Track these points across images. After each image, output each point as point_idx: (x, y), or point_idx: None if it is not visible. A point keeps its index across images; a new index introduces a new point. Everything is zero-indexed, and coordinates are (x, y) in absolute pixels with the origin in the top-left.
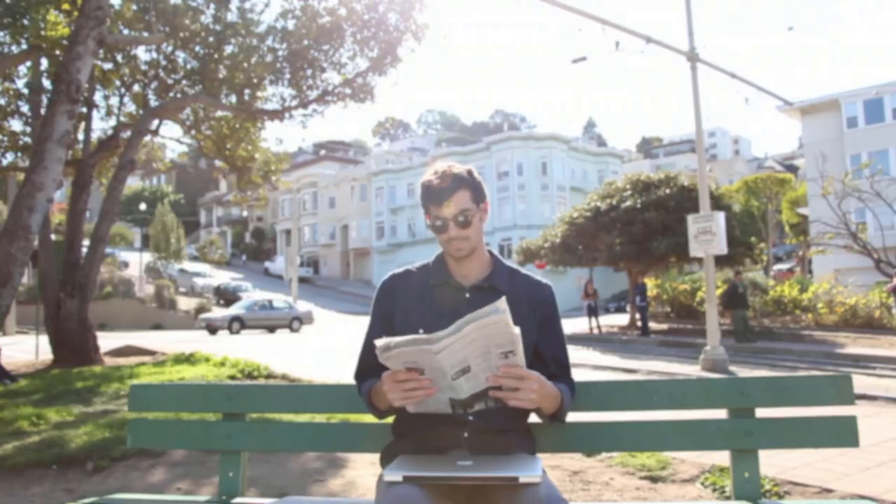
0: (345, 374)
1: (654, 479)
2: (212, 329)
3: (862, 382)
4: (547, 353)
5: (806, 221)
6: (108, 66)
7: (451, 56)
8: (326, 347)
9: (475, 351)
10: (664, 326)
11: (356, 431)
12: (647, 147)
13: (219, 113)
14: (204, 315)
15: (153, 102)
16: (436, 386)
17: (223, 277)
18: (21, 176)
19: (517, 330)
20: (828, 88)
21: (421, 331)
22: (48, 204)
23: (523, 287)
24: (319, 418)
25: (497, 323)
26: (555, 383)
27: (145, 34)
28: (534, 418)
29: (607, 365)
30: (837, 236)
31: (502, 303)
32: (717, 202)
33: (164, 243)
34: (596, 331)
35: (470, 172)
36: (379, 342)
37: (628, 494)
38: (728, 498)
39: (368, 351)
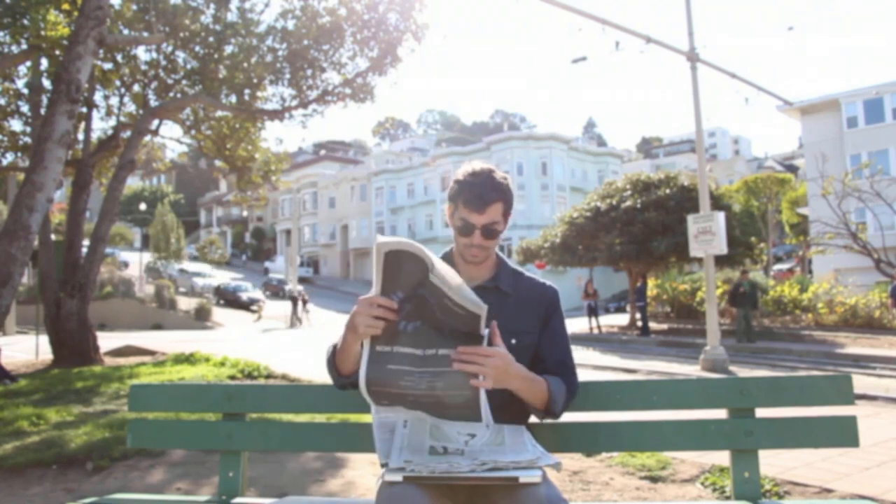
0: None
1: (654, 479)
2: None
3: (862, 382)
4: (551, 355)
5: (806, 221)
6: (108, 66)
7: (451, 56)
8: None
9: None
10: (664, 326)
11: (356, 431)
12: (647, 147)
13: (219, 113)
14: None
15: (153, 102)
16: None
17: (223, 277)
18: (21, 176)
19: (486, 331)
20: (828, 88)
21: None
22: (48, 204)
23: (528, 289)
24: (319, 418)
25: (476, 312)
26: (546, 376)
27: (145, 34)
28: (534, 418)
29: (607, 365)
30: (837, 236)
31: (486, 321)
32: (717, 202)
33: (164, 243)
34: (596, 331)
35: (507, 182)
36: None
37: (628, 494)
38: (728, 498)
39: None
